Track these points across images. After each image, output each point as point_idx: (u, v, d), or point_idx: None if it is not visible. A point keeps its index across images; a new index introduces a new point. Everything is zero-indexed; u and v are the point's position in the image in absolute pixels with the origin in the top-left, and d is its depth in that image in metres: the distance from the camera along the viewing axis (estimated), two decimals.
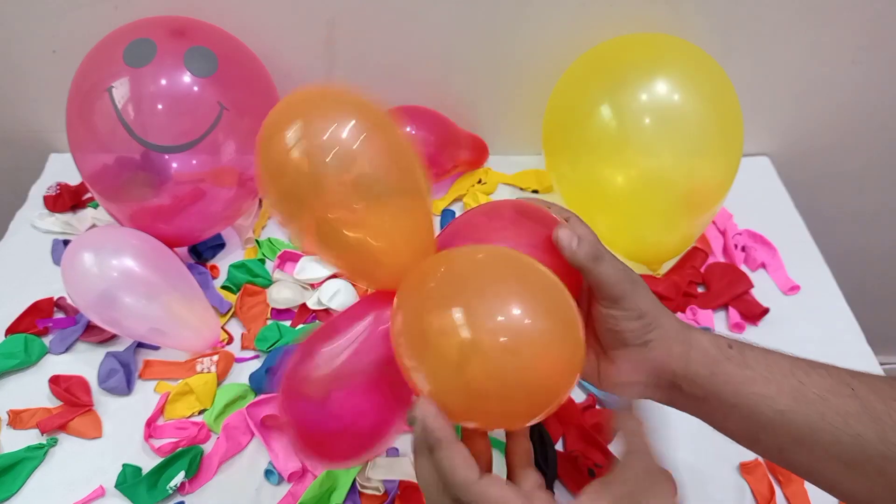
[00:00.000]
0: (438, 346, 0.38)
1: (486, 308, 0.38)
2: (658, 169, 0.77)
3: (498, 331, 0.37)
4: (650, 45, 0.84)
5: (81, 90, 0.78)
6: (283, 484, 0.67)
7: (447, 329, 0.38)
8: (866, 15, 0.91)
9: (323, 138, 0.40)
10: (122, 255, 0.72)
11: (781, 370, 0.42)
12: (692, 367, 0.44)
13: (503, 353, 0.37)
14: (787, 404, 0.41)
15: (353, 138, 0.40)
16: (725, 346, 0.44)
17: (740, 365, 0.43)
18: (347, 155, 0.40)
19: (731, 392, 0.43)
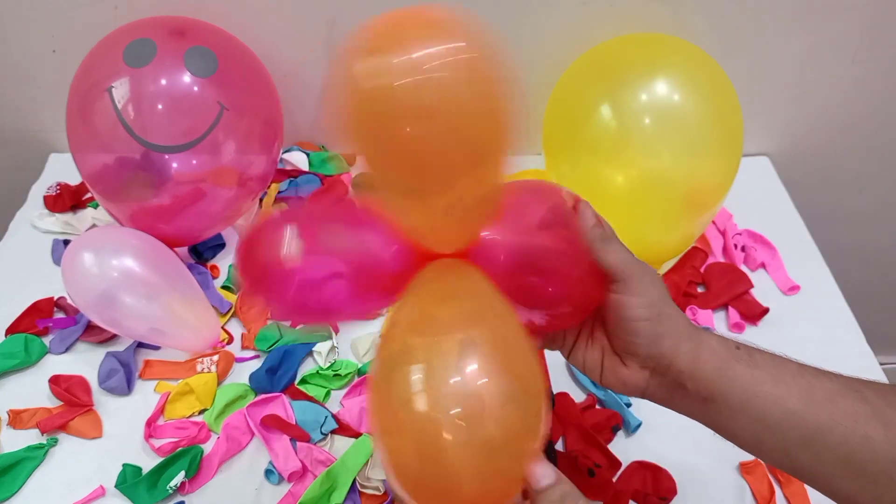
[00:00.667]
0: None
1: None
2: (658, 169, 0.77)
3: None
4: (650, 45, 0.84)
5: (81, 90, 0.78)
6: (283, 484, 0.67)
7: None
8: (866, 15, 0.91)
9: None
10: (122, 255, 0.72)
11: (790, 371, 0.42)
12: (700, 364, 0.43)
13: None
14: (795, 404, 0.41)
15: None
16: (733, 346, 0.44)
17: (749, 365, 0.43)
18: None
19: (739, 390, 0.42)
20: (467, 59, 0.39)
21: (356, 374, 0.76)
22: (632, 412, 0.72)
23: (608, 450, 0.69)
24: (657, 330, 0.44)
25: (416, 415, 0.37)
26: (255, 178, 0.85)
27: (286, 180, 0.99)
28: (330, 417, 0.71)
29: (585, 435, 0.70)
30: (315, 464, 0.68)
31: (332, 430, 0.71)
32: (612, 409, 0.73)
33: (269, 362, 0.75)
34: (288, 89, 0.94)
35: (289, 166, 1.00)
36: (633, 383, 0.46)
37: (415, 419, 0.37)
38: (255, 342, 0.78)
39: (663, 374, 0.45)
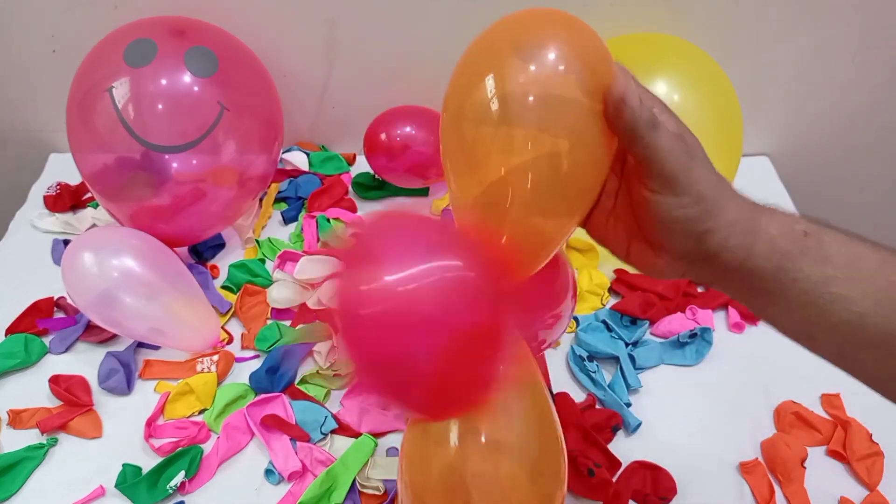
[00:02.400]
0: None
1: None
2: None
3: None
4: (650, 45, 0.84)
5: (82, 90, 0.78)
6: (283, 484, 0.67)
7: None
8: (866, 15, 0.91)
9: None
10: (122, 255, 0.72)
11: (869, 266, 0.36)
12: (753, 260, 0.36)
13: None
14: (869, 307, 0.35)
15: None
16: (801, 234, 0.36)
17: (818, 260, 0.36)
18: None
19: (802, 290, 0.36)
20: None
21: None
22: (632, 412, 0.72)
23: (608, 450, 0.69)
24: (701, 227, 0.37)
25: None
26: (255, 177, 0.85)
27: (286, 180, 0.99)
28: (330, 417, 0.71)
29: (585, 435, 0.70)
30: (315, 464, 0.68)
31: (332, 429, 0.71)
32: (612, 409, 0.73)
33: (269, 362, 0.75)
34: (288, 89, 0.94)
35: (289, 166, 1.00)
36: (665, 272, 0.40)
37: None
38: (255, 342, 0.78)
39: (704, 265, 0.38)
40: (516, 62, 0.38)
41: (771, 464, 0.69)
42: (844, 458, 0.70)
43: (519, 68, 0.38)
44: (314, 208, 0.95)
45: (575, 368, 0.77)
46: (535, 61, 0.38)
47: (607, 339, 0.79)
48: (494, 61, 0.39)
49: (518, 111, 0.37)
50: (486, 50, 0.40)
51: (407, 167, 0.92)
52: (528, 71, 0.38)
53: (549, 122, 0.37)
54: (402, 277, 0.36)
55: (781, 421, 0.73)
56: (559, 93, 0.37)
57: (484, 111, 0.38)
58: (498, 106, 0.38)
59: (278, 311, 0.82)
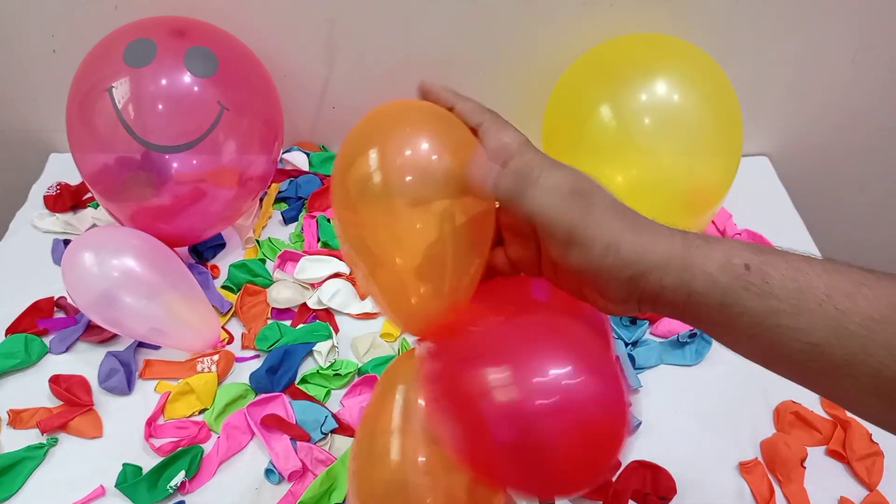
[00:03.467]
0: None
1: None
2: (657, 169, 0.77)
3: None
4: (650, 45, 0.84)
5: (81, 90, 0.78)
6: (283, 483, 0.67)
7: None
8: (866, 15, 0.91)
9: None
10: (122, 255, 0.72)
11: (815, 297, 0.34)
12: (695, 297, 0.35)
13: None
14: (821, 337, 0.34)
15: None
16: (742, 268, 0.35)
17: (762, 294, 0.34)
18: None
19: (748, 324, 0.35)
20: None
21: (356, 374, 0.76)
22: (632, 412, 0.72)
23: None
24: (627, 272, 0.35)
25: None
26: (256, 177, 0.85)
27: (286, 180, 0.99)
28: (330, 417, 0.71)
29: None
30: (315, 463, 0.68)
31: (332, 429, 0.71)
32: None
33: (270, 362, 0.75)
34: (288, 89, 0.95)
35: (289, 166, 1.00)
36: (622, 311, 0.39)
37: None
38: (255, 342, 0.78)
39: (653, 302, 0.37)
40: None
41: (771, 464, 0.69)
42: (844, 457, 0.70)
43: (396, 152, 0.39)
44: (314, 208, 0.95)
45: None
46: (410, 148, 0.39)
47: None
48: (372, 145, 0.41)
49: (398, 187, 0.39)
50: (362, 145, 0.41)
51: None
52: (404, 155, 0.39)
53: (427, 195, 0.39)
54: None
55: (781, 421, 0.73)
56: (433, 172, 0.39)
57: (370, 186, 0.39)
58: (380, 180, 0.39)
59: (278, 311, 0.82)
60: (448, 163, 0.39)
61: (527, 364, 0.37)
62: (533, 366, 0.36)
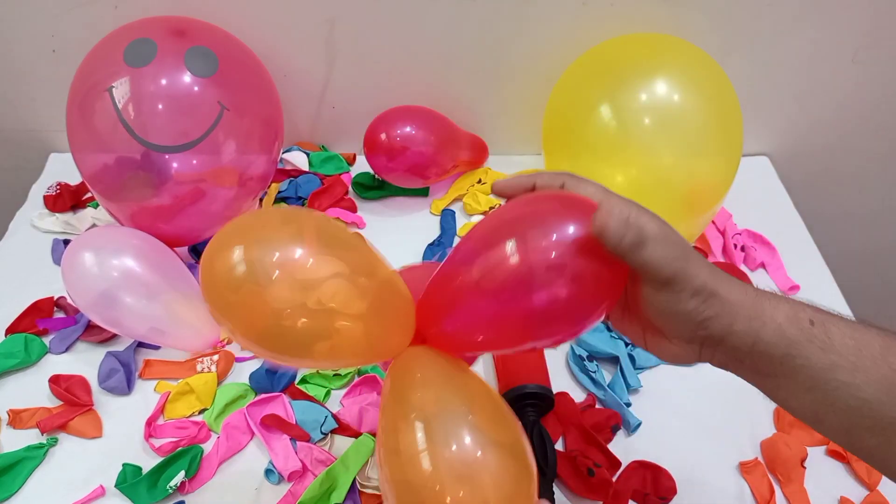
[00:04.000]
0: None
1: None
2: (657, 169, 0.77)
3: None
4: (650, 45, 0.84)
5: (82, 90, 0.78)
6: (283, 483, 0.67)
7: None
8: (866, 14, 0.91)
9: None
10: (122, 255, 0.72)
11: (871, 354, 0.37)
12: (761, 346, 0.38)
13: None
14: (873, 394, 0.36)
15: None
16: (807, 322, 0.38)
17: (824, 347, 0.37)
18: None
19: (808, 377, 0.38)
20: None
21: (356, 374, 0.76)
22: (632, 412, 0.72)
23: (608, 449, 0.69)
24: (700, 314, 0.39)
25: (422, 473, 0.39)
26: (256, 177, 0.85)
27: (286, 180, 0.99)
28: (330, 417, 0.71)
29: (585, 435, 0.70)
30: (315, 463, 0.68)
31: (332, 429, 0.71)
32: (612, 408, 0.73)
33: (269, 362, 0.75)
34: (288, 89, 0.95)
35: (289, 166, 1.00)
36: (681, 357, 0.42)
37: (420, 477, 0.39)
38: None
39: (714, 348, 0.40)
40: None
41: (771, 464, 0.69)
42: (844, 457, 0.70)
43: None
44: (314, 208, 0.95)
45: (575, 368, 0.77)
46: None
47: (607, 338, 0.79)
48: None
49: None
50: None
51: (407, 167, 0.92)
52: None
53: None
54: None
55: (781, 421, 0.73)
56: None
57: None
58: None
59: None
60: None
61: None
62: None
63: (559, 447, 0.71)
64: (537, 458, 0.65)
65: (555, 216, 0.40)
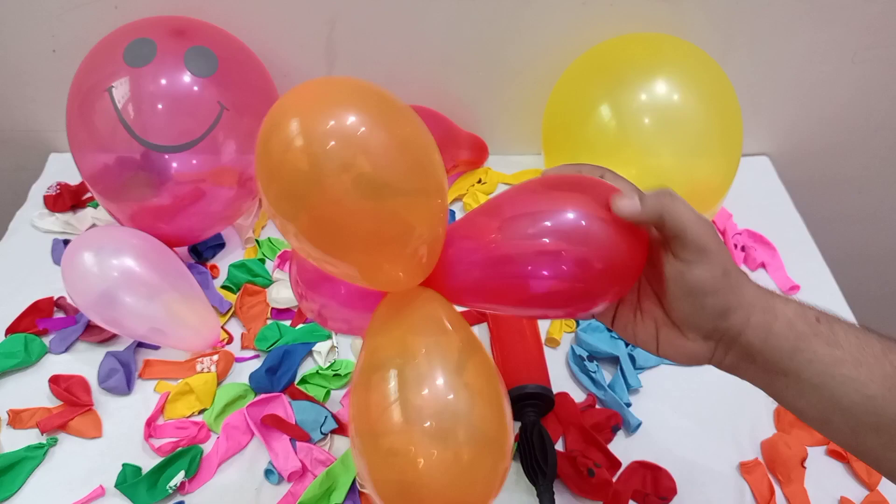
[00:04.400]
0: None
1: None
2: (657, 168, 0.77)
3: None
4: (650, 45, 0.84)
5: (82, 90, 0.78)
6: (283, 483, 0.67)
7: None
8: (866, 14, 0.91)
9: (322, 134, 0.38)
10: (122, 255, 0.72)
11: (874, 352, 0.39)
12: (773, 340, 0.39)
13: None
14: (876, 389, 0.38)
15: (354, 132, 0.38)
16: (814, 319, 0.40)
17: (829, 343, 0.39)
18: (347, 152, 0.37)
19: (816, 371, 0.39)
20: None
21: None
22: (632, 412, 0.72)
23: (608, 449, 0.69)
24: (727, 301, 0.39)
25: (393, 424, 0.39)
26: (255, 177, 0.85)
27: None
28: (330, 417, 0.71)
29: (585, 435, 0.70)
30: (315, 463, 0.68)
31: (332, 429, 0.71)
32: (612, 409, 0.73)
33: (270, 362, 0.75)
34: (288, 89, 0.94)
35: None
36: (695, 355, 0.42)
37: (392, 429, 0.39)
38: (254, 342, 0.78)
39: (729, 345, 0.41)
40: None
41: (771, 464, 0.69)
42: (844, 457, 0.70)
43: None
44: None
45: (575, 368, 0.77)
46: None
47: (607, 338, 0.79)
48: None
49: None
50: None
51: None
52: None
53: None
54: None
55: (781, 421, 0.73)
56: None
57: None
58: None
59: (278, 311, 0.82)
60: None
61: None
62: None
63: (559, 447, 0.71)
64: (537, 458, 0.65)
65: (589, 188, 0.42)
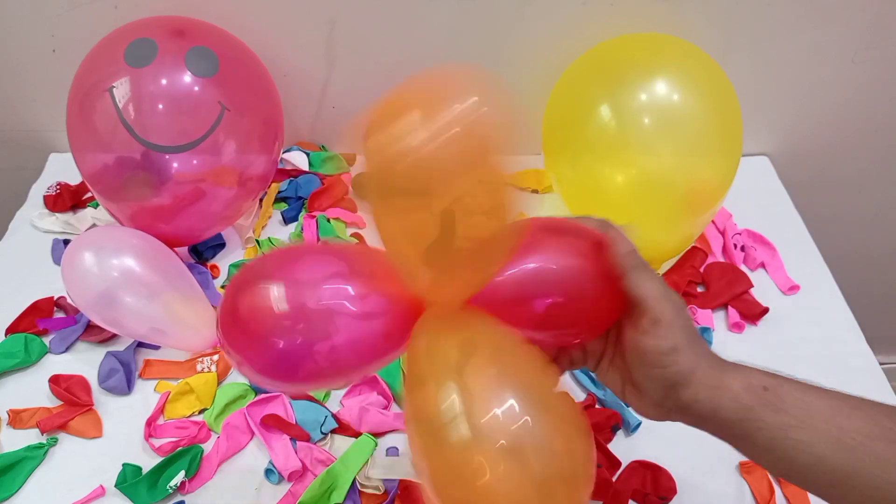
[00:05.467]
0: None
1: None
2: (657, 169, 0.77)
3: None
4: (650, 45, 0.84)
5: (82, 90, 0.78)
6: (283, 483, 0.67)
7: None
8: (866, 15, 0.91)
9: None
10: (122, 255, 0.72)
11: (821, 415, 0.41)
12: (721, 413, 0.42)
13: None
14: (824, 450, 0.40)
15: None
16: (760, 389, 0.42)
17: (776, 411, 0.41)
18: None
19: (765, 438, 0.41)
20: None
21: None
22: (632, 412, 0.72)
23: (608, 449, 0.69)
24: (673, 377, 0.43)
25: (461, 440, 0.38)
26: (256, 177, 0.85)
27: (286, 180, 0.99)
28: (330, 417, 0.71)
29: None
30: (315, 463, 0.68)
31: (332, 429, 0.71)
32: (612, 408, 0.73)
33: None
34: (288, 89, 0.94)
35: (289, 166, 1.00)
36: (652, 415, 0.46)
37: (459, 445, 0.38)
38: None
39: (682, 413, 0.44)
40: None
41: None
42: None
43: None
44: (314, 208, 0.95)
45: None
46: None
47: None
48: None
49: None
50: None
51: None
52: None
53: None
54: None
55: None
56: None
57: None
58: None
59: None
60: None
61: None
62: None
63: None
64: None
65: (578, 237, 0.46)
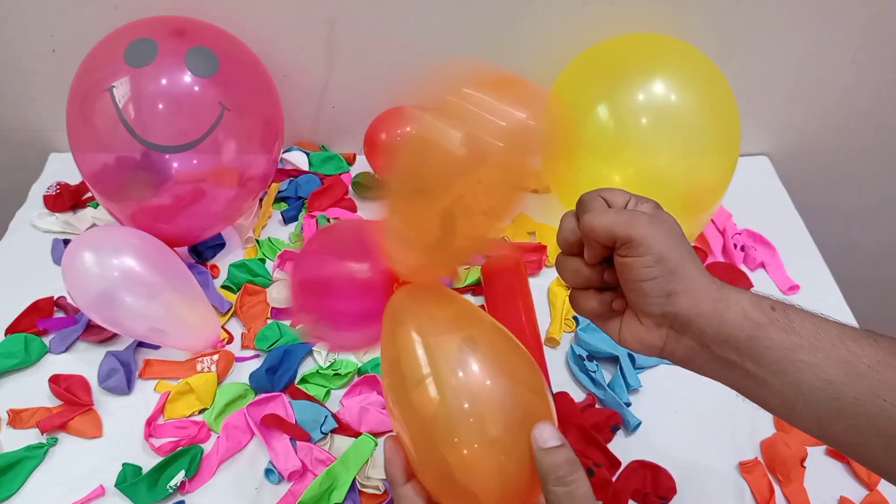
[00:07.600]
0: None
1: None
2: (655, 168, 0.77)
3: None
4: (648, 45, 0.84)
5: (82, 90, 0.78)
6: (283, 483, 0.67)
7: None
8: (865, 15, 0.91)
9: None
10: (122, 255, 0.72)
11: (830, 337, 0.39)
12: (726, 329, 0.40)
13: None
14: (834, 374, 0.38)
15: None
16: (769, 307, 0.40)
17: (786, 330, 0.39)
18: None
19: (774, 359, 0.39)
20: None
21: (356, 374, 0.76)
22: (632, 412, 0.72)
23: (608, 449, 0.69)
24: (669, 287, 0.41)
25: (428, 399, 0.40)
26: (256, 177, 0.85)
27: (286, 180, 0.99)
28: (330, 417, 0.71)
29: (585, 434, 0.70)
30: (315, 463, 0.68)
31: (332, 429, 0.71)
32: (611, 408, 0.73)
33: (270, 361, 0.75)
34: (288, 89, 0.95)
35: (289, 166, 1.00)
36: (648, 342, 0.43)
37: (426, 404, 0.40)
38: (255, 341, 0.78)
39: (681, 332, 0.42)
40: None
41: (770, 463, 0.69)
42: (844, 457, 0.70)
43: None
44: (314, 208, 0.95)
45: (575, 368, 0.77)
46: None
47: (607, 338, 0.79)
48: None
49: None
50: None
51: None
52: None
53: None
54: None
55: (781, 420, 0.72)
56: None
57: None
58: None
59: (278, 311, 0.82)
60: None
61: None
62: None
63: None
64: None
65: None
